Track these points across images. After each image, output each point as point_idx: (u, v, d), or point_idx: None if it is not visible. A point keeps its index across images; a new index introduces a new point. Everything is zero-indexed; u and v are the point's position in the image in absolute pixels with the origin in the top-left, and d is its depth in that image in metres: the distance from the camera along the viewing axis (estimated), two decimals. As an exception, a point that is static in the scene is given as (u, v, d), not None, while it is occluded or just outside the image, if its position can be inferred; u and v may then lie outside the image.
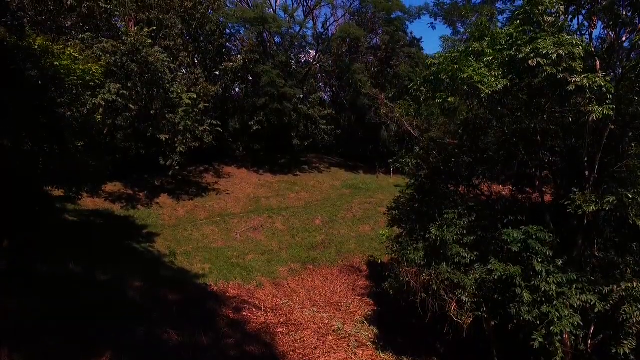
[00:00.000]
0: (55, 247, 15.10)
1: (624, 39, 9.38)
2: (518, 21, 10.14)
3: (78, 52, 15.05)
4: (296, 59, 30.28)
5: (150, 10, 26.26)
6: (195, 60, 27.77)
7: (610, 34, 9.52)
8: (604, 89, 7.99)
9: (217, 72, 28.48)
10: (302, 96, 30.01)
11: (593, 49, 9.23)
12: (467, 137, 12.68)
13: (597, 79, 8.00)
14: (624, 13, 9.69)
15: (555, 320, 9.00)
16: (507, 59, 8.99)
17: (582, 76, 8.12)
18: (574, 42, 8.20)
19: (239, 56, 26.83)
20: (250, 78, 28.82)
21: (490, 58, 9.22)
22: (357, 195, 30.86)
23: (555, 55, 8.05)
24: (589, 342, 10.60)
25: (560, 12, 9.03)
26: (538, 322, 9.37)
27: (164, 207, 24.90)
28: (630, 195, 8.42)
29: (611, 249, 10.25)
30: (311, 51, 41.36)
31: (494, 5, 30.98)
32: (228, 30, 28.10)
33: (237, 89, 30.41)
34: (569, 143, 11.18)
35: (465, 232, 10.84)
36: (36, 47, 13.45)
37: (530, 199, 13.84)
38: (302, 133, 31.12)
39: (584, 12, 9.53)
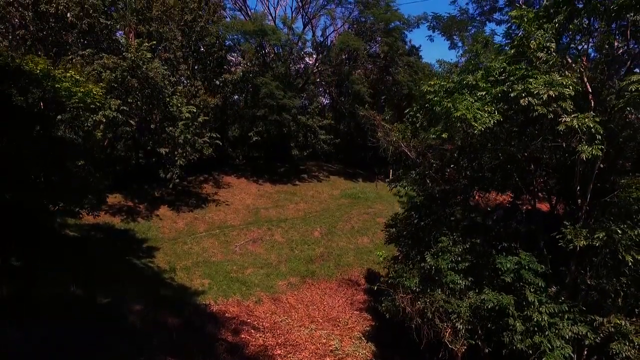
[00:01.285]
0: (56, 265, 15.31)
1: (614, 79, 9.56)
2: (512, 50, 10.34)
3: (79, 74, 15.21)
4: (295, 70, 30.43)
5: (150, 23, 26.47)
6: (196, 71, 27.97)
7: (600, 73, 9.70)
8: (593, 129, 8.18)
9: (217, 82, 28.65)
10: (301, 106, 30.15)
11: (586, 87, 9.40)
12: (463, 159, 12.87)
13: (586, 119, 8.18)
14: (617, 45, 9.89)
15: (547, 351, 9.19)
16: (500, 95, 9.17)
17: (572, 116, 8.31)
18: (565, 83, 8.39)
19: (238, 68, 26.98)
20: (250, 89, 28.99)
21: (484, 93, 9.40)
22: (356, 205, 31.05)
23: (545, 95, 8.24)
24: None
25: (552, 50, 9.22)
26: (531, 352, 9.56)
27: (163, 219, 25.08)
28: (620, 231, 8.60)
29: (603, 277, 10.43)
30: (310, 60, 41.62)
31: (492, 16, 31.20)
32: (228, 42, 28.29)
33: (236, 97, 30.56)
34: (562, 171, 11.36)
35: (459, 258, 11.02)
36: (38, 71, 13.65)
37: (525, 219, 14.03)
38: (301, 143, 31.31)
39: (573, 51, 9.72)
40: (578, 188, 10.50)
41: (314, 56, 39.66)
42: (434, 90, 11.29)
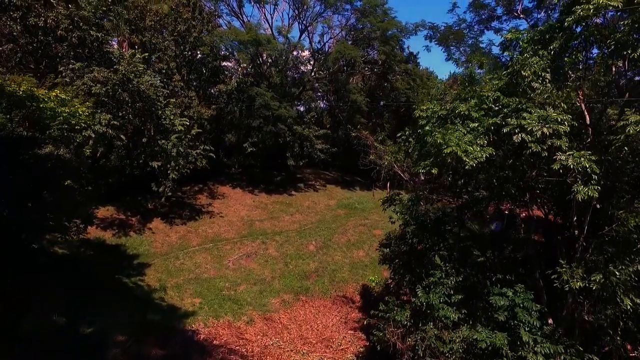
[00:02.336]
0: (43, 289, 14.96)
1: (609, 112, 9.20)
2: (507, 78, 9.97)
3: (65, 92, 14.84)
4: (292, 79, 30.05)
5: (143, 33, 26.11)
6: (190, 82, 27.61)
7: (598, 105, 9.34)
8: (589, 169, 7.81)
9: (212, 91, 28.26)
10: (297, 115, 29.78)
11: (582, 122, 9.04)
12: (454, 185, 12.52)
13: (582, 159, 7.82)
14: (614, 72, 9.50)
15: (542, 394, 8.83)
16: (492, 127, 8.80)
17: (568, 154, 7.95)
18: (560, 119, 8.02)
19: (232, 78, 26.60)
20: (245, 99, 28.61)
21: (477, 124, 9.03)
22: (352, 216, 30.69)
23: (539, 133, 7.87)
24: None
25: (547, 80, 8.84)
26: (525, 394, 9.19)
27: (156, 232, 24.72)
28: (617, 273, 8.24)
29: (601, 312, 10.06)
30: (308, 67, 41.24)
31: (489, 24, 30.80)
32: (222, 52, 27.87)
33: (231, 107, 30.17)
34: (558, 200, 10.99)
35: (452, 292, 10.65)
36: (21, 92, 13.28)
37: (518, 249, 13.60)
38: (297, 153, 30.94)
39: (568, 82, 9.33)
40: (575, 219, 10.12)
41: (312, 62, 39.33)
42: (426, 115, 10.93)
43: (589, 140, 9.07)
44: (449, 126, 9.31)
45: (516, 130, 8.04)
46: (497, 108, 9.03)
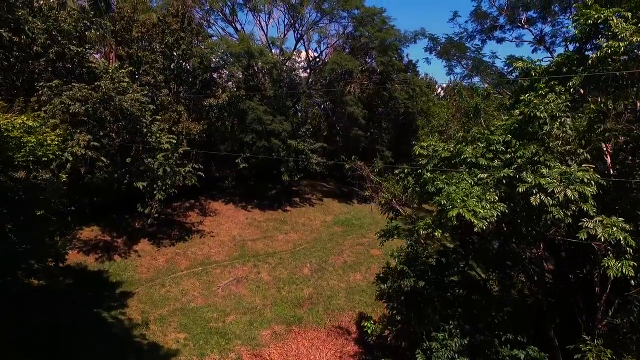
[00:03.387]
0: (12, 330, 13.76)
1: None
2: (519, 116, 8.75)
3: (33, 119, 13.61)
4: (286, 90, 28.83)
5: (130, 45, 24.91)
6: (180, 95, 26.38)
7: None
8: (622, 242, 6.63)
9: (204, 104, 27.00)
10: (292, 129, 28.56)
11: (612, 181, 7.79)
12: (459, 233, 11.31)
13: (614, 229, 6.62)
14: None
15: None
16: (505, 180, 7.60)
17: (596, 220, 6.74)
18: (586, 179, 6.80)
19: (224, 92, 25.38)
20: (237, 113, 27.42)
21: (485, 175, 7.82)
22: (349, 233, 29.47)
23: (561, 195, 6.67)
24: None
25: (567, 125, 7.63)
26: None
27: (142, 255, 23.48)
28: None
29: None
30: (304, 75, 40.08)
31: (492, 34, 29.63)
32: (213, 64, 26.64)
33: (222, 120, 28.97)
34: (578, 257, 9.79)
35: (456, 355, 9.44)
36: (-20, 121, 12.09)
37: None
38: (292, 167, 29.73)
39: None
40: (596, 275, 8.91)
41: (308, 71, 38.14)
42: (427, 154, 9.72)
43: (619, 202, 7.89)
44: (453, 174, 8.11)
45: (534, 191, 6.86)
46: (509, 155, 7.83)
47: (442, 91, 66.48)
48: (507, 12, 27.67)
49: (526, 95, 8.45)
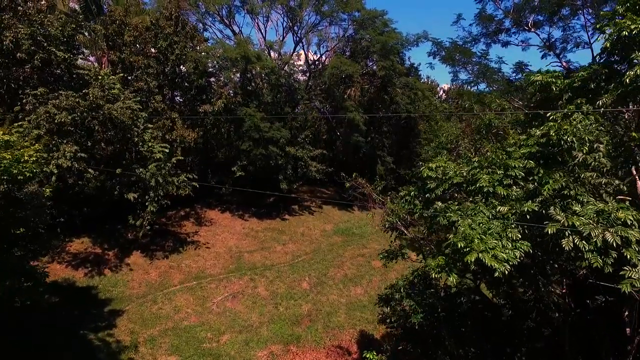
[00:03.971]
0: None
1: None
2: (542, 138, 7.75)
3: (11, 134, 12.67)
4: (285, 96, 27.88)
5: (122, 49, 23.96)
6: (174, 101, 25.44)
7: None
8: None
9: (199, 111, 26.00)
10: (290, 135, 27.61)
11: None
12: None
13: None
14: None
15: None
16: (528, 216, 6.65)
17: None
18: (629, 220, 5.84)
19: (219, 101, 24.43)
20: (233, 120, 26.46)
21: (506, 209, 6.87)
22: (349, 243, 28.53)
23: (600, 239, 5.73)
24: None
25: (601, 152, 6.66)
26: None
27: (134, 269, 22.52)
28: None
29: None
30: (302, 78, 39.19)
31: (497, 37, 28.64)
32: (209, 69, 25.66)
33: (218, 127, 28.00)
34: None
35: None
36: (-48, 137, 11.15)
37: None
38: (290, 175, 28.78)
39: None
40: (626, 315, 7.95)
41: (307, 74, 37.20)
42: (436, 176, 8.76)
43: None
44: (468, 205, 7.16)
45: (566, 233, 5.91)
46: (531, 185, 6.88)
47: (444, 94, 65.58)
48: (514, 15, 26.68)
49: (550, 115, 7.50)
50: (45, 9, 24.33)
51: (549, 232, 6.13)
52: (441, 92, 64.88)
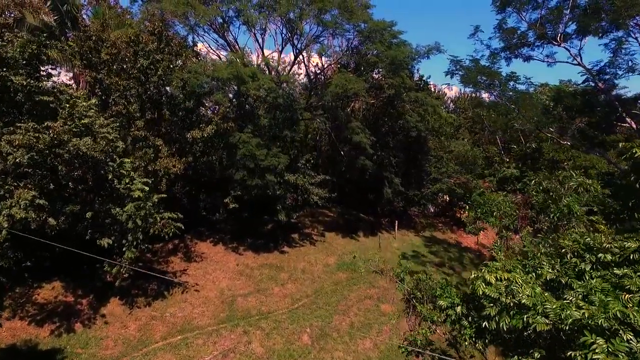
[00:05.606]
0: None
1: None
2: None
3: None
4: (283, 118, 24.99)
5: (97, 69, 21.13)
6: (158, 126, 22.58)
7: None
8: None
9: (188, 137, 23.07)
10: (289, 160, 24.74)
11: None
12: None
13: None
14: None
15: None
16: None
17: None
18: None
19: (208, 127, 21.57)
20: (225, 146, 23.62)
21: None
22: (355, 282, 25.64)
23: None
24: None
25: None
26: None
27: (110, 322, 19.66)
28: None
29: None
30: (302, 90, 36.46)
31: (518, 51, 25.80)
32: (198, 90, 22.73)
33: (207, 155, 25.16)
34: None
35: None
36: None
37: None
38: (289, 205, 25.92)
39: None
40: None
41: (308, 89, 34.47)
42: (496, 297, 5.91)
43: None
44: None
45: None
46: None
47: (451, 102, 62.70)
48: (539, 28, 23.85)
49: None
50: (12, 22, 21.52)
51: None
52: (448, 101, 62.04)
